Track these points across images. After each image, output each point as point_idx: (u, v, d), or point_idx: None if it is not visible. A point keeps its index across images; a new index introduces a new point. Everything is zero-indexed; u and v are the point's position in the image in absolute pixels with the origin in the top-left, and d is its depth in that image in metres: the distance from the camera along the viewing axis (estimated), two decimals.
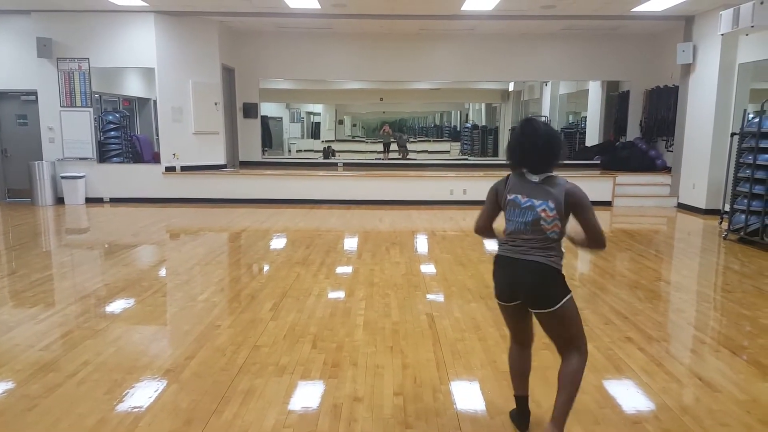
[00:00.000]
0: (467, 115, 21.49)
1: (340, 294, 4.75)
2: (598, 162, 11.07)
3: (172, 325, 4.06)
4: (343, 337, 3.74)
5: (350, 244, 6.82)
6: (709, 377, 3.19)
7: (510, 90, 15.81)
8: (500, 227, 2.54)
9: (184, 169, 10.05)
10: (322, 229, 7.74)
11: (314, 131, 22.41)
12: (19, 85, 9.81)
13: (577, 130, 14.47)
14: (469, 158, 16.63)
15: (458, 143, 20.06)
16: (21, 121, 10.21)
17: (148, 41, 9.52)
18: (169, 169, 9.99)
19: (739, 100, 8.53)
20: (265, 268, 5.66)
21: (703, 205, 9.04)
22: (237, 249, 6.80)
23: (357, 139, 23.53)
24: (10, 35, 9.71)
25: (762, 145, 6.58)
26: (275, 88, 13.79)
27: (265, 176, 10.43)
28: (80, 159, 9.85)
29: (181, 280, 5.16)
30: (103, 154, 10.02)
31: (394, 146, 18.21)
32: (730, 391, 3.03)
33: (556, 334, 2.46)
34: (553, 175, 2.42)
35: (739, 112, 7.73)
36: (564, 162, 2.43)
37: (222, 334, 3.80)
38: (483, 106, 19.49)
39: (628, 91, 11.45)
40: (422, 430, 2.63)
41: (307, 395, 2.97)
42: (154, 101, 10.20)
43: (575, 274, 5.48)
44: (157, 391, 2.99)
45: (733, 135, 7.54)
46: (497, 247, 2.54)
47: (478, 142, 17.70)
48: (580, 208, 2.34)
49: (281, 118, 19.43)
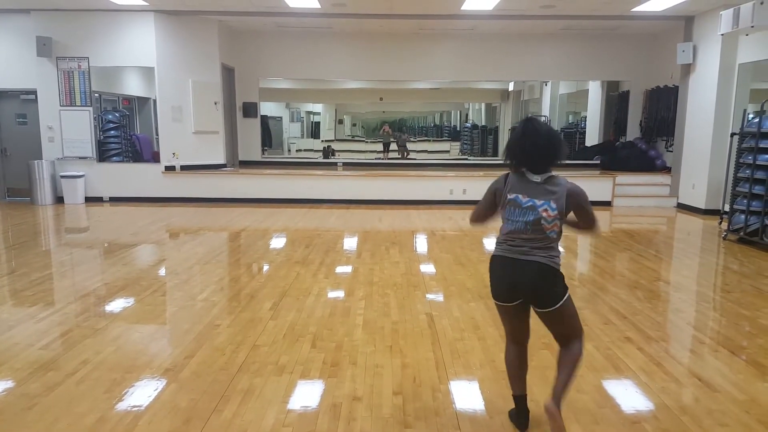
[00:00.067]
0: (467, 115, 21.51)
1: (340, 293, 4.75)
2: (598, 162, 11.07)
3: (171, 325, 4.06)
4: (343, 337, 3.74)
5: (350, 243, 6.82)
6: (708, 377, 3.20)
7: (510, 90, 15.82)
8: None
9: (184, 168, 10.05)
10: (322, 229, 7.74)
11: (314, 131, 22.43)
12: (19, 84, 9.81)
13: (577, 130, 14.47)
14: (469, 158, 16.65)
15: (458, 143, 20.08)
16: (20, 120, 10.20)
17: (147, 40, 9.52)
18: (169, 169, 9.99)
19: (739, 101, 8.54)
20: (265, 268, 5.66)
21: (702, 206, 9.04)
22: (236, 248, 6.80)
23: (357, 138, 23.55)
24: (10, 34, 9.70)
25: (762, 146, 6.58)
26: (275, 87, 13.80)
27: (265, 176, 10.43)
28: (80, 158, 9.85)
29: (181, 280, 5.16)
30: (103, 154, 10.02)
31: (394, 146, 18.22)
32: (729, 391, 3.03)
33: (558, 330, 2.52)
34: (554, 174, 2.42)
35: (739, 113, 7.74)
36: (564, 162, 2.45)
37: (221, 334, 3.80)
38: (483, 105, 19.51)
39: (628, 91, 11.45)
40: (421, 429, 2.63)
41: (307, 394, 2.97)
42: (154, 100, 10.20)
43: (575, 274, 5.48)
44: (156, 390, 2.99)
45: (732, 135, 7.54)
46: (496, 246, 2.54)
47: (478, 142, 17.71)
48: (581, 206, 2.44)
49: (281, 118, 19.43)
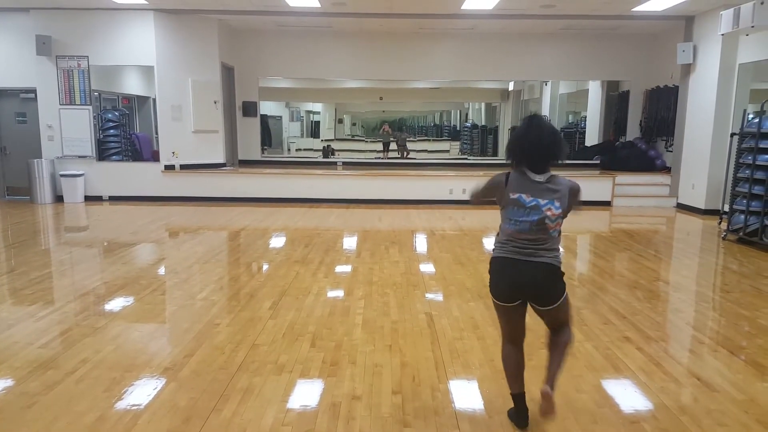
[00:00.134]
0: (467, 115, 21.50)
1: (339, 293, 4.76)
2: (598, 162, 11.07)
3: (171, 324, 4.06)
4: (342, 336, 3.74)
5: (349, 243, 6.82)
6: (708, 377, 3.20)
7: (510, 89, 15.81)
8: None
9: (184, 167, 10.05)
10: (322, 228, 7.74)
11: (314, 130, 22.41)
12: (18, 83, 9.80)
13: (577, 130, 14.47)
14: (469, 158, 16.63)
15: (458, 143, 20.07)
16: (20, 119, 10.19)
17: (147, 39, 9.51)
18: (169, 168, 9.99)
19: (739, 101, 8.53)
20: (264, 267, 5.66)
21: (702, 206, 9.04)
22: (236, 247, 6.80)
23: (356, 138, 23.53)
24: (10, 33, 9.70)
25: (761, 146, 6.58)
26: (275, 86, 13.78)
27: (265, 175, 10.43)
28: (79, 157, 9.84)
29: (180, 279, 5.16)
30: (103, 153, 10.01)
31: (394, 145, 18.22)
32: (728, 391, 3.03)
33: (555, 322, 2.58)
34: (554, 174, 2.43)
35: (739, 113, 7.73)
36: (564, 162, 2.46)
37: (221, 333, 3.80)
38: (483, 105, 19.49)
39: (628, 91, 11.45)
40: (420, 428, 2.63)
41: (306, 393, 2.97)
42: (154, 99, 10.19)
43: (574, 274, 5.48)
44: (155, 389, 2.99)
45: (732, 135, 7.54)
46: (497, 247, 2.54)
47: (478, 142, 17.71)
48: (578, 201, 2.51)
49: (281, 117, 19.41)
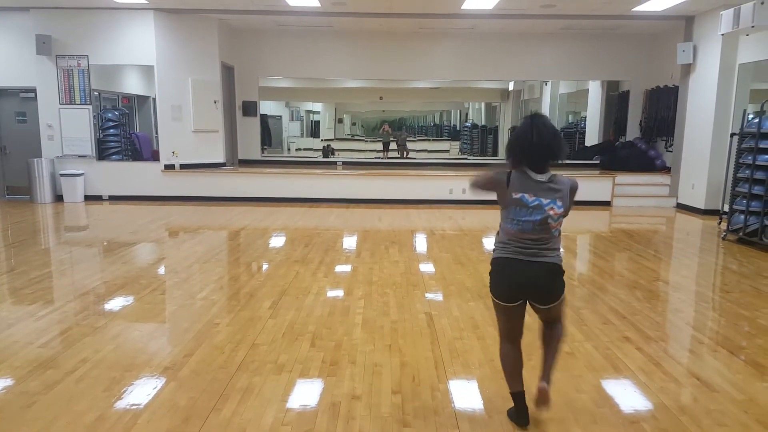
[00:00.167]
0: (467, 115, 21.49)
1: (339, 292, 4.76)
2: (598, 162, 11.07)
3: (170, 323, 4.06)
4: (342, 336, 3.74)
5: (349, 242, 6.82)
6: (707, 377, 3.20)
7: (510, 89, 15.81)
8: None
9: (184, 167, 10.04)
10: (321, 228, 7.74)
11: (314, 130, 22.40)
12: (18, 82, 9.80)
13: (577, 130, 14.46)
14: (469, 157, 16.62)
15: (458, 142, 20.06)
16: (20, 118, 10.19)
17: (147, 39, 9.51)
18: (168, 167, 9.99)
19: (739, 101, 8.53)
20: (264, 267, 5.66)
21: (702, 206, 9.04)
22: (236, 247, 6.80)
23: (356, 138, 23.52)
24: (9, 32, 9.69)
25: (761, 146, 6.58)
26: (275, 86, 13.78)
27: (265, 174, 10.43)
28: (79, 156, 9.84)
29: (180, 278, 5.16)
30: (103, 152, 10.01)
31: (394, 145, 18.21)
32: (727, 391, 3.03)
33: (551, 318, 2.62)
34: (555, 173, 2.44)
35: (739, 113, 7.73)
36: (563, 162, 2.46)
37: (221, 332, 3.80)
38: (483, 105, 19.48)
39: (628, 91, 11.44)
40: (420, 428, 2.63)
41: (306, 393, 2.97)
42: (154, 99, 10.19)
43: (574, 274, 5.48)
44: (155, 388, 2.99)
45: (732, 135, 7.54)
46: (498, 248, 2.54)
47: (478, 142, 17.70)
48: (574, 197, 2.52)
49: (281, 117, 19.40)
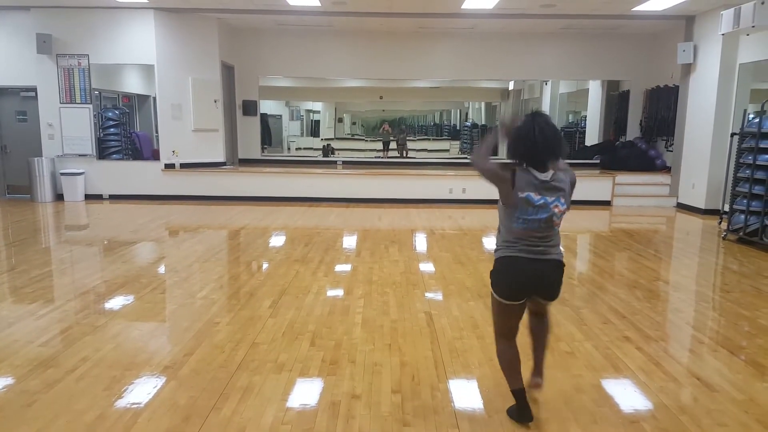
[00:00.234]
0: (467, 114, 21.48)
1: (339, 292, 4.76)
2: (598, 161, 11.07)
3: (170, 322, 4.06)
4: (342, 335, 3.74)
5: (349, 242, 6.82)
6: (707, 377, 3.20)
7: (510, 89, 15.80)
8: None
9: (184, 166, 10.04)
10: (321, 227, 7.74)
11: (314, 129, 22.39)
12: (19, 81, 9.80)
13: (577, 130, 14.45)
14: (469, 157, 16.63)
15: (458, 142, 20.06)
16: (20, 117, 10.19)
17: (147, 38, 9.51)
18: (169, 167, 9.99)
19: (739, 101, 8.53)
20: (264, 266, 5.66)
21: (702, 205, 9.04)
22: (236, 246, 6.80)
23: (356, 137, 23.51)
24: (10, 31, 9.69)
25: (762, 146, 6.58)
26: (275, 85, 13.76)
27: (265, 174, 10.43)
28: (80, 156, 9.84)
29: (180, 277, 5.16)
30: (103, 151, 10.01)
31: (394, 144, 18.21)
32: (727, 390, 3.03)
33: (543, 310, 2.77)
34: (555, 171, 2.44)
35: (740, 113, 7.73)
36: (563, 160, 2.46)
37: (221, 331, 3.80)
38: (483, 104, 19.48)
39: (628, 91, 11.44)
40: (420, 427, 2.63)
41: (306, 392, 2.97)
42: (154, 98, 10.18)
43: (574, 274, 5.48)
44: (155, 387, 2.99)
45: (733, 135, 7.54)
46: (503, 247, 2.54)
47: (478, 141, 17.70)
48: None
49: (281, 116, 19.40)
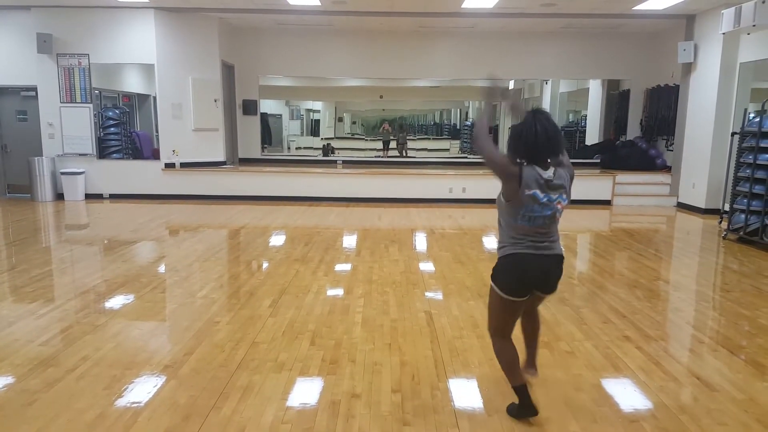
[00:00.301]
0: (467, 113, 21.48)
1: (339, 291, 4.76)
2: (598, 161, 11.07)
3: (171, 322, 4.06)
4: (342, 334, 3.75)
5: (349, 241, 6.82)
6: (707, 376, 3.20)
7: (510, 88, 15.81)
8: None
9: (184, 165, 10.05)
10: (321, 227, 7.74)
11: (314, 128, 22.40)
12: (19, 80, 9.81)
13: (578, 129, 14.44)
14: (469, 156, 16.61)
15: (458, 141, 20.05)
16: (21, 116, 10.20)
17: (148, 38, 9.51)
18: (169, 166, 9.99)
19: (739, 100, 8.53)
20: (264, 265, 5.67)
21: (702, 205, 9.04)
22: (236, 246, 6.80)
23: (356, 136, 23.51)
24: (10, 31, 9.70)
25: (762, 145, 6.57)
26: (275, 85, 13.76)
27: (265, 173, 10.43)
28: (80, 155, 9.85)
29: (180, 277, 5.17)
30: (103, 150, 10.01)
31: (394, 144, 18.22)
32: (728, 390, 3.03)
33: (538, 304, 2.85)
34: (555, 168, 2.46)
35: (740, 112, 7.72)
36: None
37: (221, 331, 3.80)
38: (483, 104, 19.48)
39: (629, 90, 11.44)
40: (420, 427, 2.63)
41: (306, 391, 2.98)
42: (154, 98, 10.18)
43: (574, 273, 5.49)
44: (155, 386, 2.99)
45: (733, 134, 7.54)
46: (509, 244, 2.54)
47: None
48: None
49: (281, 116, 19.39)
